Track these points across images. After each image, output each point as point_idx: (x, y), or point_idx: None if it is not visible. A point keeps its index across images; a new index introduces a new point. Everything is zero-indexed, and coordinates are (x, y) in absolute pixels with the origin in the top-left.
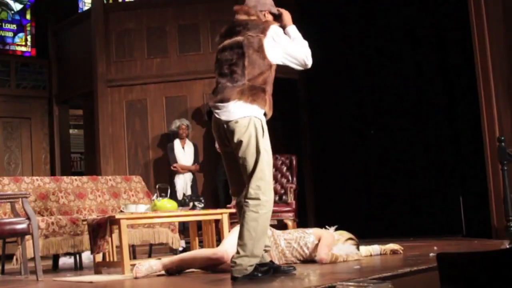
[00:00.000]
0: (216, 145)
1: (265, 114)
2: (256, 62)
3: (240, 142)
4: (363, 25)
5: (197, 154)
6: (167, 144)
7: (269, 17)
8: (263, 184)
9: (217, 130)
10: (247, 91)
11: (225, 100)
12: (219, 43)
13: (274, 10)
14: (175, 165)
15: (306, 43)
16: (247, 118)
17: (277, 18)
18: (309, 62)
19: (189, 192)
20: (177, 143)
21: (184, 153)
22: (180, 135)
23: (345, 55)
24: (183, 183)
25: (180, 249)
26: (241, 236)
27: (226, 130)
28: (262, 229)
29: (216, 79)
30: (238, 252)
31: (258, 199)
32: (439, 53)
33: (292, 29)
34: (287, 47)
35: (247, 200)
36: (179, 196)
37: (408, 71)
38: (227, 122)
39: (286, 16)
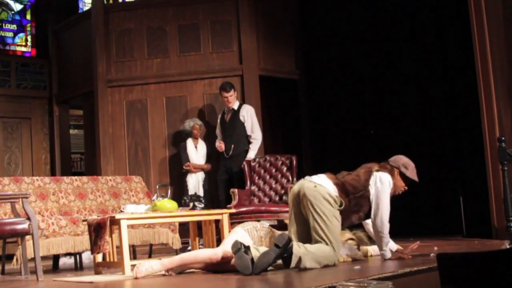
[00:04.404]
0: (217, 144)
1: None
2: None
3: None
4: (364, 25)
5: (209, 154)
6: (180, 144)
7: None
8: None
9: None
10: None
11: None
12: None
13: None
14: (187, 164)
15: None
16: None
17: None
18: None
19: (201, 191)
20: (189, 142)
21: (197, 152)
22: (194, 135)
23: (345, 55)
24: (195, 182)
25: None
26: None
27: None
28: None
29: None
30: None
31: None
32: (439, 53)
33: None
34: None
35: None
36: None
37: (408, 71)
38: None
39: None
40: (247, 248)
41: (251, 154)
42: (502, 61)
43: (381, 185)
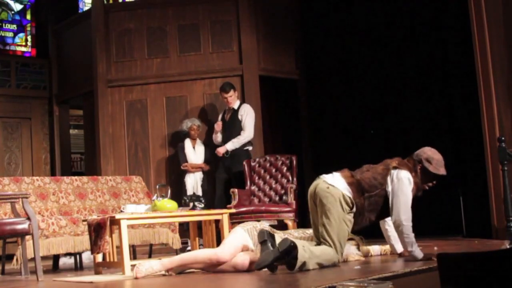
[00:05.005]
0: (214, 137)
1: None
2: None
3: None
4: (363, 25)
5: (207, 154)
6: (178, 144)
7: None
8: None
9: None
10: None
11: None
12: None
13: None
14: (185, 164)
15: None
16: None
17: None
18: None
19: (199, 191)
20: (187, 142)
21: (195, 152)
22: (191, 135)
23: (345, 55)
24: (193, 182)
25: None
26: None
27: None
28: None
29: None
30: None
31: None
32: (439, 53)
33: None
34: None
35: None
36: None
37: (408, 71)
38: None
39: None
40: (273, 239)
41: (229, 145)
42: (502, 61)
43: (398, 183)
